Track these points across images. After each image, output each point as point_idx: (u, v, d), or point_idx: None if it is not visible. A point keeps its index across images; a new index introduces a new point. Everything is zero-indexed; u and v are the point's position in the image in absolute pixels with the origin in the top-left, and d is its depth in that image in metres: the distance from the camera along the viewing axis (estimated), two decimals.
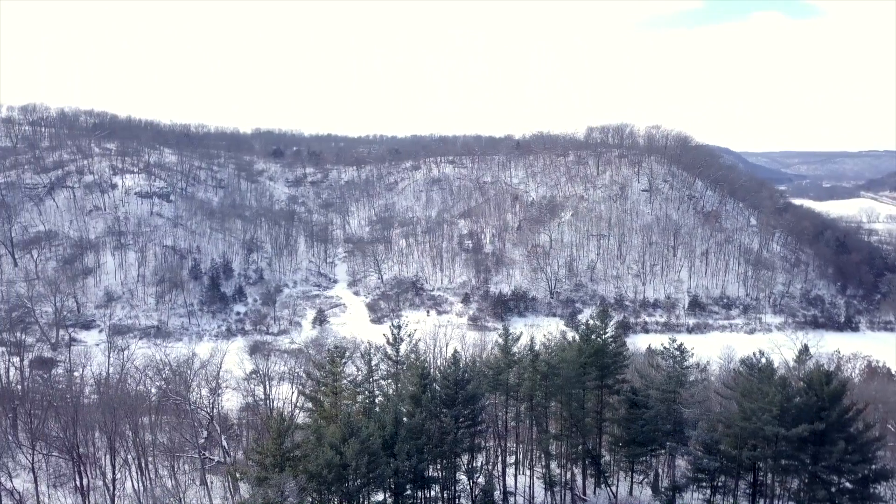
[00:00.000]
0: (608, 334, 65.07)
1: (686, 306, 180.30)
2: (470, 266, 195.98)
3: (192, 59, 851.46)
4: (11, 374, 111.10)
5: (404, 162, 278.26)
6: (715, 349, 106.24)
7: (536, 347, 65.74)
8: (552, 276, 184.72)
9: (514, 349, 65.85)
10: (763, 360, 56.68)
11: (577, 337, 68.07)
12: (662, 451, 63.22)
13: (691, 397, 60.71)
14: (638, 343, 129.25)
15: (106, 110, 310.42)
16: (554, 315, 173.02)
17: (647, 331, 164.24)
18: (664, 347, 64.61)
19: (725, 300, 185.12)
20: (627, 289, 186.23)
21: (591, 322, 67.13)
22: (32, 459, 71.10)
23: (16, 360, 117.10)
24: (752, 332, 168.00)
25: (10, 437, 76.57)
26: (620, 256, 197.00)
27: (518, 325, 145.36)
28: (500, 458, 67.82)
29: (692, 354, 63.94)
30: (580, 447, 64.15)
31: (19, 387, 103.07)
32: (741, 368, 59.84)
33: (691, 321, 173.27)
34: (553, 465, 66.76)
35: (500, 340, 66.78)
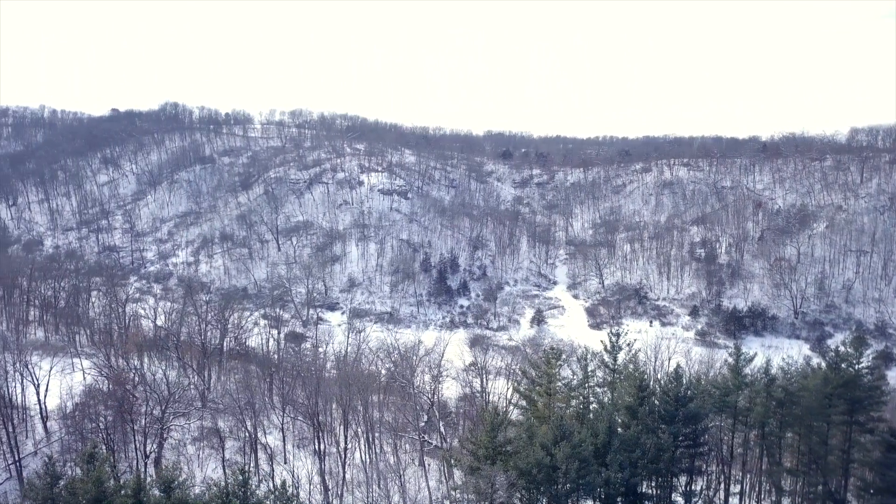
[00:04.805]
0: (863, 364, 57.02)
1: None
2: (701, 277, 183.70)
3: (430, 63, 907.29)
4: (270, 344, 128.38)
5: (634, 164, 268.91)
6: None
7: (773, 371, 59.92)
8: (798, 294, 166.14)
9: (746, 370, 60.72)
10: None
11: (823, 364, 60.64)
12: None
13: None
14: None
15: (358, 114, 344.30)
16: (797, 338, 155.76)
17: None
18: None
19: None
20: (892, 315, 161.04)
21: (842, 349, 59.32)
22: (282, 421, 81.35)
23: (274, 332, 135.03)
24: None
25: (267, 399, 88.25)
26: (885, 277, 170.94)
27: (753, 345, 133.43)
28: (722, 486, 62.93)
29: None
30: (820, 487, 57.11)
31: (276, 356, 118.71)
32: None
33: None
34: (785, 502, 60.19)
35: (731, 359, 62.02)
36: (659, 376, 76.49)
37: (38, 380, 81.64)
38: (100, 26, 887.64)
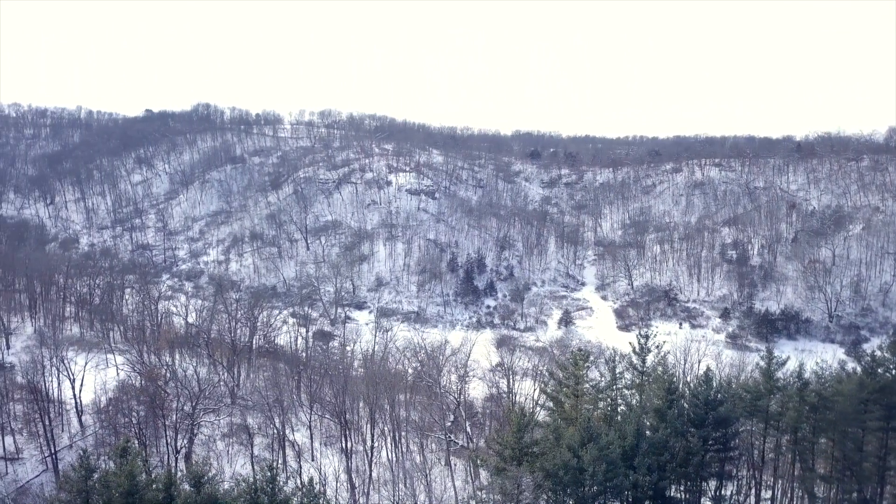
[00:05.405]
0: None
1: None
2: (732, 279, 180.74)
3: (458, 63, 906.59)
4: (298, 342, 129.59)
5: (664, 164, 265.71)
6: None
7: (806, 375, 58.73)
8: (832, 297, 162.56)
9: (779, 374, 59.62)
10: None
11: (858, 369, 59.33)
12: None
13: None
14: None
15: (386, 115, 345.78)
16: (831, 341, 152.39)
17: None
18: None
19: None
20: None
21: (878, 354, 57.99)
22: (310, 418, 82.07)
23: (303, 331, 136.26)
24: None
25: (295, 397, 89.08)
26: None
27: (785, 349, 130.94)
28: (753, 491, 61.95)
29: None
30: (854, 494, 55.92)
31: (304, 354, 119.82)
32: None
33: None
34: None
35: (763, 363, 60.96)
36: (688, 379, 75.46)
37: (73, 375, 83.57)
38: (135, 28, 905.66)
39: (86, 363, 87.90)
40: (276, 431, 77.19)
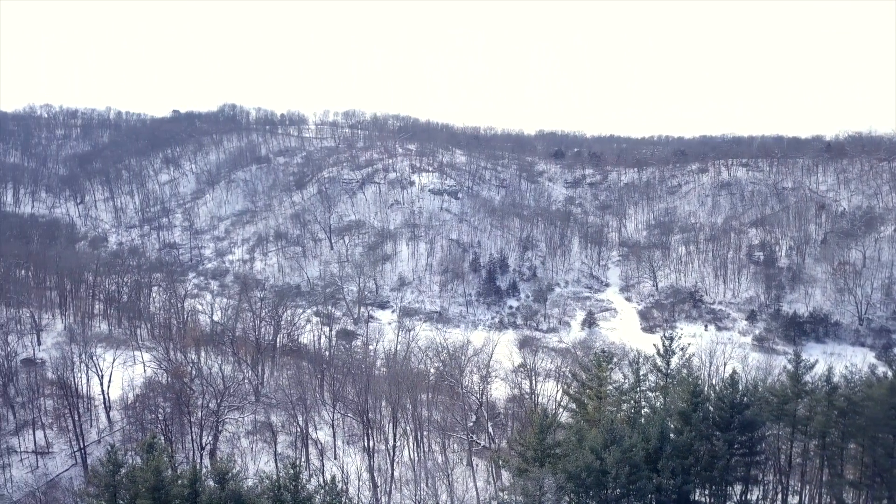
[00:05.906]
0: None
1: None
2: (759, 280, 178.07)
3: (481, 63, 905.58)
4: (322, 341, 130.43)
5: (690, 164, 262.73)
6: None
7: (835, 379, 57.73)
8: (863, 300, 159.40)
9: (807, 378, 58.63)
10: None
11: (889, 373, 58.12)
12: None
13: None
14: None
15: (409, 115, 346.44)
16: (861, 345, 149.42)
17: None
18: None
19: None
20: None
21: None
22: (332, 417, 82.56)
23: (326, 329, 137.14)
24: None
25: (318, 395, 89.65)
26: None
27: (813, 352, 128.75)
28: (779, 496, 61.01)
29: None
30: (885, 501, 54.71)
31: (327, 353, 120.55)
32: None
33: None
34: None
35: (790, 366, 60.07)
36: (714, 382, 74.63)
37: (101, 371, 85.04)
38: (163, 30, 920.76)
39: (114, 360, 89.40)
40: (299, 429, 77.78)
